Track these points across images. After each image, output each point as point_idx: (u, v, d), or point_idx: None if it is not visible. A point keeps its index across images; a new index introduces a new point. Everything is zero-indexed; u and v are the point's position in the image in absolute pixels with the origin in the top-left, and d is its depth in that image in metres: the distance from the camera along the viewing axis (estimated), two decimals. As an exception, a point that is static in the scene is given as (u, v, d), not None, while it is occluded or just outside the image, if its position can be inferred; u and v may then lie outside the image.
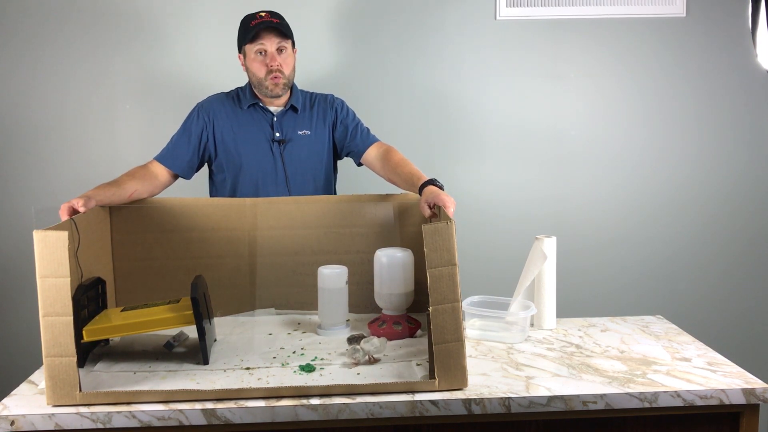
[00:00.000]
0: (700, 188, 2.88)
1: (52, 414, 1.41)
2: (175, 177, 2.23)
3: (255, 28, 2.15)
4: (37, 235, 1.40)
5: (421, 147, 2.64)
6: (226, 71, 2.75)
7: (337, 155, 2.33)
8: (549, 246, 1.91)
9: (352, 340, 1.73)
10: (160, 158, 2.20)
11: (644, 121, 2.85)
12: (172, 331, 1.73)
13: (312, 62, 2.73)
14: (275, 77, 2.17)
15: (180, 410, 1.42)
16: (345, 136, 2.26)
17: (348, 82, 2.73)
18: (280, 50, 2.18)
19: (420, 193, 1.85)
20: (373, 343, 1.61)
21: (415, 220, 1.96)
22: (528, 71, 2.81)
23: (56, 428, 1.41)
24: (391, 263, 1.80)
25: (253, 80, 2.22)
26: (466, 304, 1.88)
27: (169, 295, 1.75)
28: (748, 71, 2.83)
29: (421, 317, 1.84)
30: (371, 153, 2.21)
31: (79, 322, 1.53)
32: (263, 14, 2.19)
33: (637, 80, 2.83)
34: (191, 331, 1.67)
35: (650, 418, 1.53)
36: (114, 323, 1.60)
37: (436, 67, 2.79)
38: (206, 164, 2.30)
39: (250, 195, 2.20)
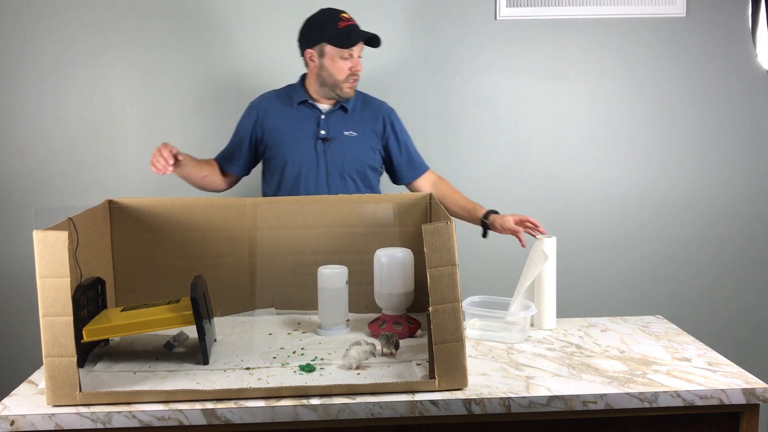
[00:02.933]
0: (701, 188, 2.88)
1: (52, 414, 1.41)
2: (236, 177, 2.36)
3: (349, 34, 2.17)
4: (37, 235, 1.40)
5: (421, 147, 2.63)
6: (226, 72, 2.75)
7: (382, 161, 2.36)
8: (549, 246, 1.91)
9: (384, 337, 1.68)
10: (218, 159, 2.34)
11: (644, 122, 2.85)
12: (172, 331, 1.73)
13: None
14: (354, 81, 2.23)
15: (180, 410, 1.42)
16: (399, 155, 2.33)
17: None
18: (359, 55, 2.23)
19: (484, 225, 2.17)
20: (353, 354, 1.57)
21: (415, 220, 1.96)
22: (528, 71, 2.81)
23: (56, 428, 1.42)
24: (391, 263, 1.80)
25: (329, 80, 2.21)
26: (466, 304, 1.88)
27: (169, 295, 1.75)
28: (748, 71, 2.82)
29: (421, 317, 1.84)
30: (423, 184, 2.34)
31: (79, 322, 1.53)
32: (347, 16, 2.21)
33: (637, 80, 2.83)
34: (191, 331, 1.67)
35: (650, 418, 1.53)
36: (114, 323, 1.60)
37: (435, 67, 2.79)
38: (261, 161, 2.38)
39: (290, 190, 2.25)
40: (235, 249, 1.95)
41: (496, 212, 2.17)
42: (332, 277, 1.83)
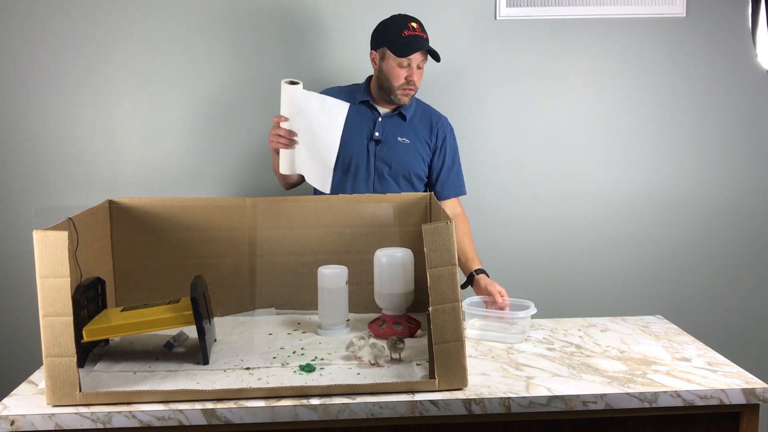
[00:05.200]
0: (700, 188, 2.88)
1: (52, 414, 1.41)
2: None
3: (410, 44, 2.18)
4: (37, 235, 1.40)
5: (421, 147, 2.65)
6: (224, 71, 2.75)
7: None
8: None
9: (394, 340, 1.67)
10: None
11: (644, 122, 2.85)
12: (172, 331, 1.73)
13: (319, 59, 2.73)
14: (408, 90, 2.24)
15: (180, 410, 1.42)
16: (438, 170, 2.34)
17: (348, 81, 2.73)
18: (419, 66, 2.24)
19: (469, 279, 2.13)
20: (368, 350, 1.61)
21: (415, 220, 1.97)
22: (528, 71, 2.81)
23: (56, 428, 1.42)
24: (391, 263, 1.80)
25: (385, 84, 2.26)
26: (466, 304, 1.88)
27: (169, 295, 1.75)
28: (748, 71, 2.82)
29: (421, 317, 1.84)
30: (445, 207, 2.30)
31: (79, 322, 1.53)
32: (415, 26, 2.22)
33: (637, 80, 2.83)
34: (191, 331, 1.67)
35: (650, 418, 1.53)
36: (114, 323, 1.60)
37: (435, 67, 2.79)
38: None
39: (337, 185, 2.25)
40: (235, 249, 1.95)
41: (485, 272, 2.13)
42: (332, 277, 1.83)
